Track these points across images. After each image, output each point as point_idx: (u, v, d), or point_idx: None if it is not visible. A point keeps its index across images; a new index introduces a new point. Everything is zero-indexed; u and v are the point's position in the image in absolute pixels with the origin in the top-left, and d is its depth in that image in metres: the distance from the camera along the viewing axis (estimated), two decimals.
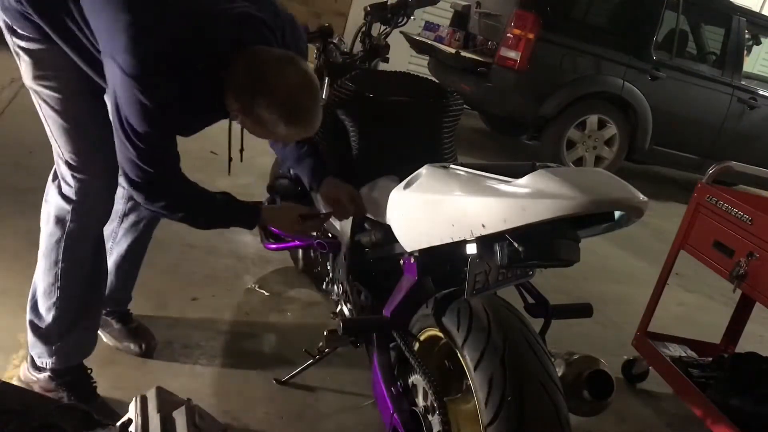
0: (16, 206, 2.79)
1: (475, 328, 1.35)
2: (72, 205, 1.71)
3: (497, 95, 5.46)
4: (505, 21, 5.37)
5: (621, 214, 1.26)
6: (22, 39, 1.62)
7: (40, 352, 1.80)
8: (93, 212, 1.74)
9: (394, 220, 1.58)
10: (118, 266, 2.04)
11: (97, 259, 1.81)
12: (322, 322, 2.46)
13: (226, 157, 1.78)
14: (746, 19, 5.83)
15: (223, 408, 1.96)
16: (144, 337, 2.10)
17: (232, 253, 2.90)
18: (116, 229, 2.01)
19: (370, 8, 2.41)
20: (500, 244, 1.26)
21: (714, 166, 2.50)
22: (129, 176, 1.57)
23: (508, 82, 5.37)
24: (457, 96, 2.02)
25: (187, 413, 1.46)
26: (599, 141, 5.70)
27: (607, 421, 2.34)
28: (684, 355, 2.61)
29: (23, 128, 3.66)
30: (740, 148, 5.89)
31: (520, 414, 1.24)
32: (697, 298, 3.78)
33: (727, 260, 2.25)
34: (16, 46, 1.64)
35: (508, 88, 5.39)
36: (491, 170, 1.32)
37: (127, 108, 1.48)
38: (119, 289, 2.08)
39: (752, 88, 5.99)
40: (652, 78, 5.59)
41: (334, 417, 2.05)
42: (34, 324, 1.80)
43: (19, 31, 1.61)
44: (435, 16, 6.48)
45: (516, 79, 5.34)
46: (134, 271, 2.12)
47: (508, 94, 5.43)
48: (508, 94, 5.42)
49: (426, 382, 1.42)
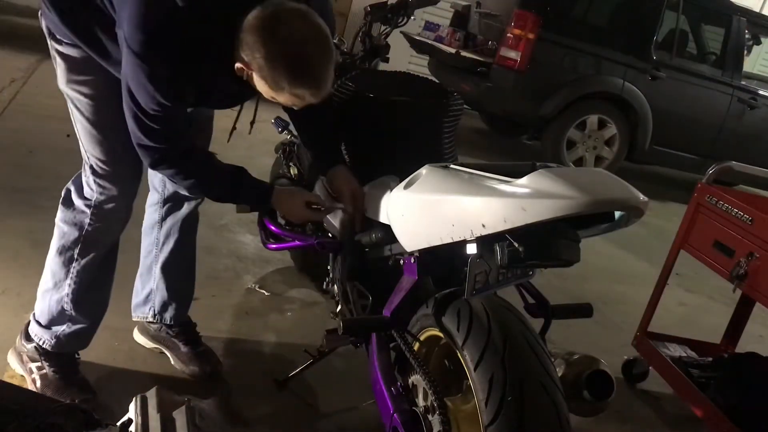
0: (16, 206, 2.79)
1: (476, 328, 1.35)
2: (91, 209, 1.76)
3: (497, 95, 5.45)
4: (505, 21, 5.37)
5: (621, 214, 1.26)
6: (59, 43, 1.66)
7: (40, 334, 1.86)
8: (112, 218, 1.79)
9: (394, 220, 1.58)
10: (167, 274, 2.05)
11: (108, 264, 1.87)
12: (322, 322, 2.46)
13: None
14: (746, 19, 5.83)
15: (224, 408, 1.96)
16: (210, 361, 2.08)
17: (232, 253, 2.90)
18: (157, 235, 2.04)
19: (370, 8, 2.41)
20: (500, 244, 1.26)
21: (714, 166, 2.50)
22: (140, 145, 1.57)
23: (508, 82, 5.37)
24: (457, 96, 2.02)
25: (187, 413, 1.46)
26: (599, 141, 5.70)
27: (608, 422, 2.34)
28: (684, 355, 2.61)
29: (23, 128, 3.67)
30: (740, 148, 5.89)
31: (521, 414, 1.24)
32: (697, 298, 3.78)
33: (727, 260, 2.25)
34: (54, 50, 1.68)
35: (508, 88, 5.39)
36: (491, 170, 1.32)
37: (134, 85, 1.48)
38: (172, 302, 2.07)
39: (752, 88, 5.99)
40: (653, 78, 5.59)
41: (334, 417, 2.05)
42: (40, 310, 1.86)
43: (57, 35, 1.65)
44: (435, 16, 6.48)
45: (516, 79, 5.34)
46: (185, 285, 2.11)
47: (508, 94, 5.42)
48: (508, 94, 5.42)
49: (426, 382, 1.42)
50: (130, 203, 1.82)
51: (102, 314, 1.91)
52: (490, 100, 5.58)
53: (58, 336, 1.85)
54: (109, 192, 1.75)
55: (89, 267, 1.82)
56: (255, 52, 1.43)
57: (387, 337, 1.62)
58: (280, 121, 2.52)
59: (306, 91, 1.47)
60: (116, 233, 1.85)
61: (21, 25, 5.98)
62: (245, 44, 1.44)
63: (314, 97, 1.49)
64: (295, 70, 1.43)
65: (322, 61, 1.46)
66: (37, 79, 4.50)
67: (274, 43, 1.41)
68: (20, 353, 1.91)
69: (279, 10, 1.43)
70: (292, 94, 1.47)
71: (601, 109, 5.62)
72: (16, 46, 5.14)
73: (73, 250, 1.79)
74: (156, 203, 2.03)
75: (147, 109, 1.50)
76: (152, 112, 1.50)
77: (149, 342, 2.14)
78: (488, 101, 5.64)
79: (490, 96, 5.49)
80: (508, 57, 5.30)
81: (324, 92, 1.49)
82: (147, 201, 2.05)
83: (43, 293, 1.86)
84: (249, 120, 1.79)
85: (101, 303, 1.90)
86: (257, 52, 1.43)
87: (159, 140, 1.56)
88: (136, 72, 1.46)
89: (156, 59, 1.45)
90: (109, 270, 1.89)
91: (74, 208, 1.78)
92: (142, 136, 1.55)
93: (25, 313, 2.08)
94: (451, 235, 1.33)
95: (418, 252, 1.52)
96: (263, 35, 1.41)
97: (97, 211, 1.77)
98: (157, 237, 2.04)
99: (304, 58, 1.43)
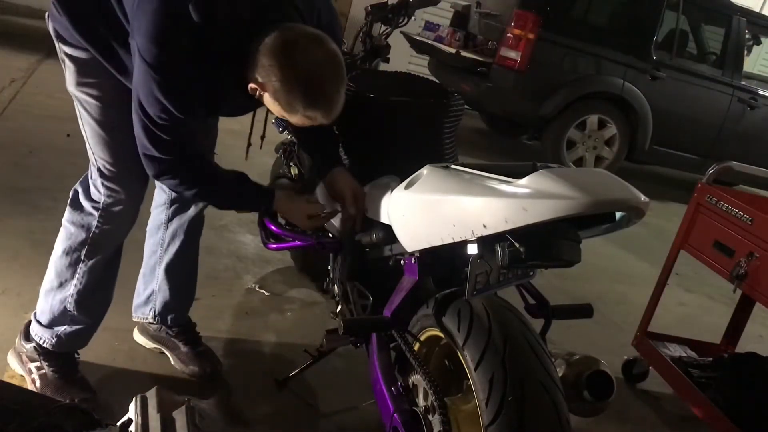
0: (16, 206, 2.79)
1: (476, 328, 1.35)
2: (99, 212, 1.77)
3: (497, 95, 5.46)
4: (505, 21, 5.37)
5: (622, 214, 1.26)
6: (68, 46, 1.66)
7: (41, 333, 1.86)
8: (119, 220, 1.80)
9: (394, 220, 1.58)
10: (170, 275, 2.05)
11: (113, 265, 1.88)
12: (322, 322, 2.46)
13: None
14: (746, 19, 5.83)
15: (224, 408, 1.97)
16: (210, 361, 2.09)
17: (232, 253, 2.90)
18: (163, 236, 2.04)
19: (371, 8, 2.41)
20: (501, 244, 1.26)
21: (714, 166, 2.50)
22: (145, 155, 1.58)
23: (508, 82, 5.37)
24: (457, 96, 2.02)
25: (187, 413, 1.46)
26: (599, 141, 5.70)
27: (608, 422, 2.34)
28: (684, 355, 2.61)
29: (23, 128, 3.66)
30: (740, 148, 5.89)
31: (521, 414, 1.24)
32: (697, 298, 3.78)
33: (728, 260, 2.25)
34: (62, 53, 1.69)
35: (508, 88, 5.39)
36: (492, 170, 1.32)
37: (143, 95, 1.49)
38: (173, 303, 2.07)
39: (752, 88, 5.99)
40: (653, 78, 5.59)
41: (334, 417, 2.05)
42: (42, 309, 1.86)
43: (66, 38, 1.66)
44: (435, 16, 6.48)
45: (516, 79, 5.34)
46: (188, 287, 2.11)
47: (508, 94, 5.42)
48: (508, 94, 5.42)
49: (426, 382, 1.42)
50: (137, 205, 1.82)
51: (103, 314, 1.92)
52: (490, 100, 5.58)
53: (58, 335, 1.85)
54: (117, 194, 1.76)
55: (95, 268, 1.82)
56: (271, 75, 1.47)
57: (387, 337, 1.62)
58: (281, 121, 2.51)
59: (319, 113, 1.52)
60: (123, 235, 1.85)
61: (21, 25, 5.98)
62: (261, 66, 1.48)
63: (325, 119, 1.54)
64: (310, 95, 1.48)
65: (335, 86, 1.52)
66: (37, 79, 4.50)
67: (291, 68, 1.46)
68: (20, 353, 1.91)
69: (297, 36, 1.48)
70: (304, 116, 1.52)
71: (601, 109, 5.62)
72: (16, 46, 5.14)
73: (80, 252, 1.80)
74: (162, 204, 2.03)
75: (156, 119, 1.51)
76: (161, 122, 1.51)
77: (149, 342, 2.14)
78: (488, 101, 5.64)
79: (490, 96, 5.49)
80: (508, 57, 5.30)
81: (335, 114, 1.55)
82: (153, 202, 2.06)
83: (46, 293, 1.86)
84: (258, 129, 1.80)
85: (104, 303, 1.91)
86: (273, 75, 1.47)
87: (166, 151, 1.56)
88: (148, 82, 1.47)
89: (168, 71, 1.47)
90: (114, 271, 1.90)
91: (82, 210, 1.79)
92: (149, 145, 1.55)
93: (24, 313, 2.08)
94: (452, 235, 1.33)
95: (419, 252, 1.53)
96: (280, 59, 1.46)
97: (104, 213, 1.77)
98: (162, 238, 2.04)
99: (319, 83, 1.48)
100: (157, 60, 1.45)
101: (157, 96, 1.48)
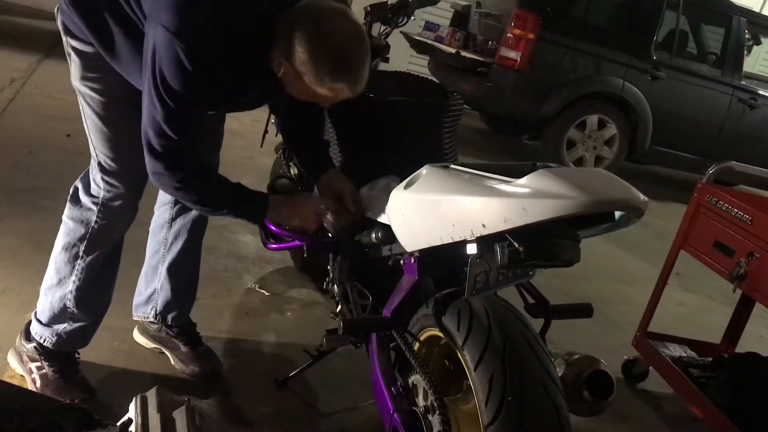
0: (16, 206, 2.79)
1: (476, 328, 1.35)
2: (98, 207, 1.77)
3: (497, 95, 5.45)
4: (505, 21, 5.37)
5: (621, 214, 1.26)
6: (75, 40, 1.66)
7: (41, 332, 1.87)
8: (118, 216, 1.80)
9: (394, 220, 1.58)
10: (172, 274, 2.04)
11: (112, 262, 1.88)
12: (322, 322, 2.46)
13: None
14: (746, 19, 5.83)
15: (224, 408, 1.97)
16: (210, 361, 2.09)
17: (232, 253, 2.90)
18: (166, 235, 2.04)
19: (371, 8, 2.41)
20: (501, 244, 1.26)
21: (714, 166, 2.50)
22: (151, 143, 1.54)
23: (508, 82, 5.37)
24: (457, 96, 2.02)
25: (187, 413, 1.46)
26: (599, 141, 5.70)
27: (608, 422, 2.34)
28: (684, 355, 2.61)
29: (23, 128, 3.66)
30: (740, 148, 5.89)
31: (521, 414, 1.24)
32: (697, 298, 3.78)
33: (727, 260, 2.25)
34: (69, 47, 1.69)
35: (508, 88, 5.39)
36: (492, 170, 1.32)
37: (167, 66, 1.46)
38: (175, 302, 2.07)
39: (752, 88, 5.99)
40: (653, 78, 5.59)
41: (334, 417, 2.05)
42: (42, 307, 1.86)
43: (73, 32, 1.66)
44: (435, 16, 6.48)
45: (516, 79, 5.34)
46: (189, 287, 2.11)
47: (508, 94, 5.42)
48: (508, 94, 5.42)
49: (426, 382, 1.42)
50: (136, 201, 1.82)
51: (103, 313, 1.92)
52: (490, 100, 5.58)
53: (59, 333, 1.85)
54: (116, 190, 1.76)
55: (94, 264, 1.82)
56: (298, 47, 1.46)
57: (387, 337, 1.62)
58: None
59: (345, 85, 1.51)
60: (122, 231, 1.85)
61: (21, 25, 5.98)
62: (287, 39, 1.47)
63: (351, 92, 1.53)
64: (338, 65, 1.48)
65: (362, 58, 1.51)
66: (37, 79, 4.50)
67: (319, 38, 1.45)
68: (20, 353, 1.91)
69: (325, 7, 1.48)
70: (330, 89, 1.51)
71: (601, 109, 5.62)
72: (16, 46, 5.13)
73: (79, 247, 1.80)
74: (166, 203, 2.03)
75: (170, 103, 1.48)
76: (174, 105, 1.48)
77: (149, 342, 2.14)
78: (488, 101, 5.63)
79: (490, 96, 5.49)
80: (508, 57, 5.30)
81: (360, 88, 1.54)
82: (157, 201, 2.06)
83: (46, 290, 1.86)
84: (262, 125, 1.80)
85: (103, 301, 1.91)
86: (300, 47, 1.46)
87: (169, 147, 1.53)
88: (173, 51, 1.44)
89: (194, 38, 1.45)
90: (113, 268, 1.90)
91: (81, 205, 1.79)
92: (154, 135, 1.52)
93: (25, 312, 2.08)
94: (452, 235, 1.33)
95: (418, 252, 1.53)
96: (308, 30, 1.45)
97: (104, 208, 1.78)
98: (165, 237, 2.04)
99: (346, 53, 1.48)
100: (183, 27, 1.43)
101: (183, 64, 1.44)
